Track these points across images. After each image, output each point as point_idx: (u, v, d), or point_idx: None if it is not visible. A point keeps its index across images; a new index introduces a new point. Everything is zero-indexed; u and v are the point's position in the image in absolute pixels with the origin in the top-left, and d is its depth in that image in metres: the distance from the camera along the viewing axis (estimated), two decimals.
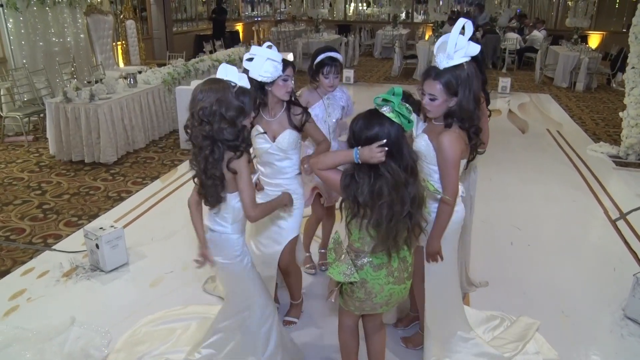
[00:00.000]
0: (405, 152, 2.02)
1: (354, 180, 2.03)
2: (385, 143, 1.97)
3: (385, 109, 2.01)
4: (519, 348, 2.89)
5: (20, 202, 5.04)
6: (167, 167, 6.08)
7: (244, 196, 2.23)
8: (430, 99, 2.37)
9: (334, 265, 2.18)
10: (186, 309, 3.27)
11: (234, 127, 2.14)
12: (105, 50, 9.83)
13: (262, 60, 2.59)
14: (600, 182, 5.70)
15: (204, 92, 2.14)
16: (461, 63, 2.32)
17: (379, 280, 2.16)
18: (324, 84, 3.24)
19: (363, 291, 2.19)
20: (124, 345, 2.95)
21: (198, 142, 2.17)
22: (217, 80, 2.19)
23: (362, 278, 2.16)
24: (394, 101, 2.00)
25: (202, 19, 15.64)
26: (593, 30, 15.55)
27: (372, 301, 2.22)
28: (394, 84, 11.65)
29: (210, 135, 2.12)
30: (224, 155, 2.16)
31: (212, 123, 2.10)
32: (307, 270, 3.77)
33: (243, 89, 2.20)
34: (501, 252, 4.13)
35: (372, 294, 2.19)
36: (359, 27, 17.65)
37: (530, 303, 3.44)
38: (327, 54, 3.22)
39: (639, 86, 6.03)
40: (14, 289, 3.55)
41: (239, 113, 2.14)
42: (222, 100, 2.10)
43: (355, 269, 2.15)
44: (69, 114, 5.95)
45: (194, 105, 2.15)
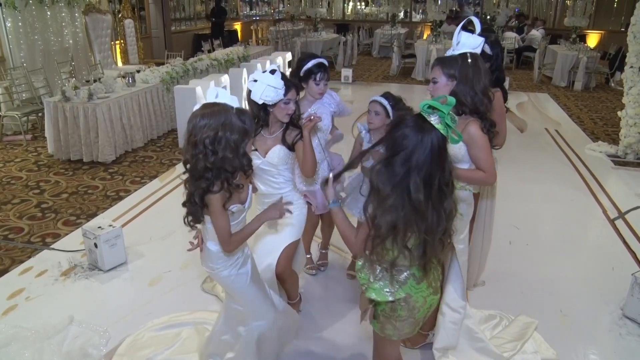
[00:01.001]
0: (447, 167, 1.85)
1: (389, 207, 1.84)
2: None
3: (433, 118, 1.80)
4: (517, 347, 2.90)
5: (19, 201, 5.03)
6: (165, 166, 6.08)
7: (217, 233, 2.19)
8: (433, 82, 2.50)
9: (373, 287, 2.02)
10: (193, 314, 3.25)
11: (237, 154, 2.05)
12: (104, 49, 9.82)
13: (263, 86, 2.59)
14: (598, 182, 5.71)
15: (206, 117, 2.02)
16: (465, 53, 2.44)
17: (422, 293, 2.03)
18: (314, 91, 3.21)
19: (406, 307, 2.04)
20: (127, 349, 2.93)
21: (198, 174, 2.07)
22: (216, 104, 2.09)
23: (407, 293, 2.01)
24: (444, 111, 1.80)
25: (200, 18, 15.62)
26: (591, 29, 15.56)
27: (414, 318, 2.07)
28: (393, 83, 11.68)
29: (213, 166, 2.03)
30: (212, 184, 2.08)
31: (218, 152, 2.01)
32: (307, 270, 3.76)
33: (242, 110, 2.12)
34: (500, 251, 4.13)
35: (415, 310, 2.05)
36: (357, 26, 17.66)
37: (528, 302, 3.45)
38: (317, 60, 3.18)
39: (637, 85, 6.04)
40: (12, 288, 3.55)
41: (242, 135, 2.06)
42: (227, 125, 2.02)
43: (398, 284, 2.01)
44: (68, 113, 5.95)
45: (195, 133, 2.03)
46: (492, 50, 3.06)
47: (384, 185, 1.83)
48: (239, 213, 2.26)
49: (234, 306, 2.49)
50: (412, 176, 1.79)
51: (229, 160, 2.04)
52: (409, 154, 1.79)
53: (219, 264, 2.35)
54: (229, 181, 2.08)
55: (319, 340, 3.08)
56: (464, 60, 2.42)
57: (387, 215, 1.82)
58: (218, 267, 2.36)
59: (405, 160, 1.79)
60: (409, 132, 1.81)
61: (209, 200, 2.10)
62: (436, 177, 1.81)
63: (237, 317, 2.50)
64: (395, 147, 1.82)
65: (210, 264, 2.37)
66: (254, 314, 2.46)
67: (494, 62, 3.08)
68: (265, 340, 2.52)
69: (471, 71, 2.40)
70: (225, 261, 2.35)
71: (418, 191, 1.79)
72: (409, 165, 1.79)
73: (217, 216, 2.14)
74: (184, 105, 6.56)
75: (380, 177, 1.84)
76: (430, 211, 1.83)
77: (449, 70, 2.43)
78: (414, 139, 1.79)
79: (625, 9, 15.30)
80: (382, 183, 1.83)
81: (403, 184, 1.80)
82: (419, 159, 1.78)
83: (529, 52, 13.92)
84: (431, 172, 1.80)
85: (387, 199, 1.82)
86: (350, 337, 3.09)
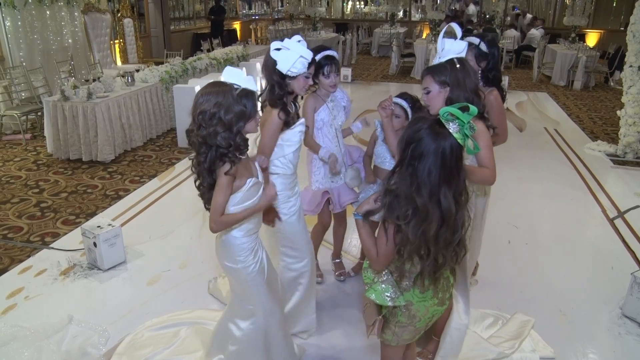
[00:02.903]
0: (461, 176, 1.82)
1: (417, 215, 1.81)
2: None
3: (453, 126, 1.77)
4: (515, 346, 2.90)
5: (18, 200, 5.03)
6: (164, 166, 6.08)
7: (212, 206, 2.18)
8: (425, 92, 2.49)
9: (375, 287, 2.01)
10: (191, 313, 3.24)
11: (230, 132, 2.09)
12: (103, 48, 9.81)
13: (295, 56, 2.54)
14: (597, 181, 5.71)
15: (205, 95, 2.10)
16: (451, 58, 2.46)
17: (425, 302, 2.01)
18: (325, 84, 3.13)
19: (407, 315, 2.02)
20: (126, 348, 2.93)
21: (195, 147, 2.14)
22: (220, 83, 2.15)
23: (408, 300, 2.00)
24: (463, 120, 1.77)
25: (199, 17, 15.62)
26: (591, 28, 15.56)
27: (414, 326, 2.05)
28: (392, 82, 11.68)
29: (205, 140, 2.08)
30: (214, 162, 2.12)
31: (208, 127, 2.07)
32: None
33: (246, 92, 2.14)
34: (498, 250, 4.13)
35: (416, 318, 2.03)
36: (356, 26, 17.66)
37: (527, 301, 3.45)
38: (324, 52, 3.10)
39: (636, 84, 6.04)
40: (11, 287, 3.55)
41: (238, 117, 2.09)
42: (222, 104, 2.07)
43: (401, 290, 1.99)
44: (67, 112, 5.94)
45: (194, 108, 2.12)
46: (488, 49, 3.06)
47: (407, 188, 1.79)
48: (256, 187, 2.26)
49: (243, 304, 2.49)
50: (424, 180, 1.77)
51: (221, 136, 2.07)
52: (426, 156, 1.76)
53: (243, 256, 2.33)
54: (226, 155, 2.11)
55: (331, 349, 3.01)
56: (453, 66, 2.44)
57: (416, 225, 1.79)
58: (242, 259, 2.33)
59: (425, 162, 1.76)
60: (425, 136, 1.77)
61: (218, 174, 2.13)
62: (450, 185, 1.78)
63: (244, 313, 2.49)
64: (411, 149, 1.79)
65: (236, 256, 2.33)
66: (262, 311, 2.45)
67: (490, 61, 3.07)
68: (273, 337, 2.52)
69: (461, 75, 2.42)
70: (248, 252, 2.34)
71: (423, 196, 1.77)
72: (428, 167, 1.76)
73: (219, 189, 2.15)
74: (183, 104, 6.56)
75: (403, 180, 1.80)
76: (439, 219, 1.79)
77: (439, 77, 2.43)
78: (428, 143, 1.76)
79: (625, 8, 15.30)
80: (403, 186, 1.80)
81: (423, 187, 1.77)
82: (432, 166, 1.75)
83: (528, 51, 13.93)
84: (442, 179, 1.77)
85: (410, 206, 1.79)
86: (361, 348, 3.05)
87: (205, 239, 4.13)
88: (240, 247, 2.33)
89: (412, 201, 1.78)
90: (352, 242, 4.22)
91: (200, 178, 2.20)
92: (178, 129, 6.80)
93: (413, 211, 1.78)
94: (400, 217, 1.80)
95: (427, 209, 1.76)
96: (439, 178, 1.76)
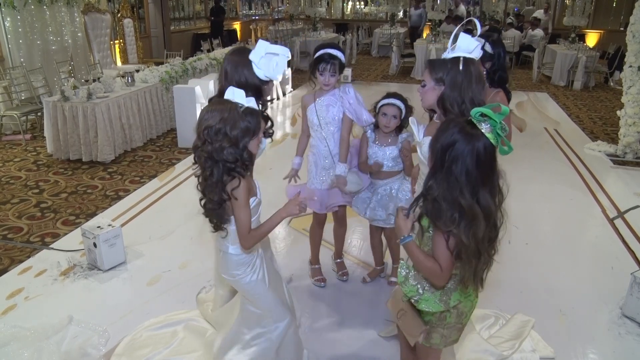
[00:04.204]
0: (495, 177, 1.82)
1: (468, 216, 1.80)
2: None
3: (485, 126, 1.76)
4: (515, 346, 2.90)
5: (18, 200, 5.03)
6: (164, 166, 6.08)
7: (238, 225, 2.18)
8: (421, 85, 2.40)
9: (424, 297, 1.98)
10: (189, 313, 3.24)
11: (236, 147, 2.07)
12: (103, 48, 9.81)
13: (284, 59, 2.50)
14: (597, 181, 5.71)
15: (210, 112, 2.09)
16: (457, 57, 2.29)
17: (470, 297, 2.03)
18: (320, 81, 3.10)
19: (455, 314, 2.02)
20: (125, 349, 2.92)
21: (201, 163, 2.12)
22: (224, 100, 2.15)
23: (458, 300, 2.00)
24: (496, 120, 1.76)
25: (199, 18, 15.62)
26: (590, 28, 15.57)
27: (461, 324, 2.06)
28: (392, 82, 11.68)
29: (211, 155, 2.06)
30: (222, 178, 2.10)
31: (214, 142, 2.05)
32: (316, 283, 3.63)
33: (251, 110, 2.13)
34: (499, 250, 4.12)
35: (463, 315, 2.04)
36: (356, 26, 17.67)
37: (527, 301, 3.45)
38: (327, 50, 3.05)
39: (636, 85, 6.04)
40: (11, 288, 3.55)
41: (244, 133, 2.08)
42: (228, 119, 2.05)
43: (449, 292, 1.98)
44: (67, 112, 5.94)
45: (199, 125, 2.10)
46: (493, 49, 3.04)
47: (448, 192, 1.79)
48: (256, 207, 2.27)
49: (252, 309, 2.48)
50: (463, 182, 1.77)
51: (227, 151, 2.05)
52: (462, 158, 1.76)
53: (240, 270, 2.34)
54: (234, 170, 2.09)
55: (333, 349, 2.99)
56: (455, 64, 2.27)
57: (466, 227, 1.79)
58: (240, 273, 2.35)
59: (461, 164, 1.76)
60: (459, 139, 1.76)
61: (235, 194, 2.12)
62: (487, 184, 1.79)
63: (254, 319, 2.48)
64: (446, 153, 1.78)
65: (232, 271, 2.35)
66: (271, 316, 2.45)
67: (496, 62, 3.06)
68: (285, 346, 2.51)
69: (460, 77, 2.25)
70: (246, 266, 2.34)
71: (467, 198, 1.77)
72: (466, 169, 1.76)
73: (242, 208, 2.14)
74: (183, 104, 6.57)
75: (442, 185, 1.79)
76: (484, 219, 1.80)
77: (436, 74, 2.31)
78: (462, 145, 1.75)
79: (624, 8, 15.30)
80: (445, 191, 1.79)
81: (464, 189, 1.77)
82: (469, 167, 1.76)
83: (528, 52, 13.93)
84: (480, 180, 1.78)
85: (455, 209, 1.79)
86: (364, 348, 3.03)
87: (206, 240, 4.12)
88: (238, 262, 2.34)
89: (457, 204, 1.77)
90: (352, 242, 4.22)
91: (206, 196, 2.16)
92: (178, 129, 6.80)
93: (460, 214, 1.78)
94: (447, 222, 1.79)
95: (474, 209, 1.77)
96: (476, 179, 1.77)
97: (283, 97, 9.90)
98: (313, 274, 3.68)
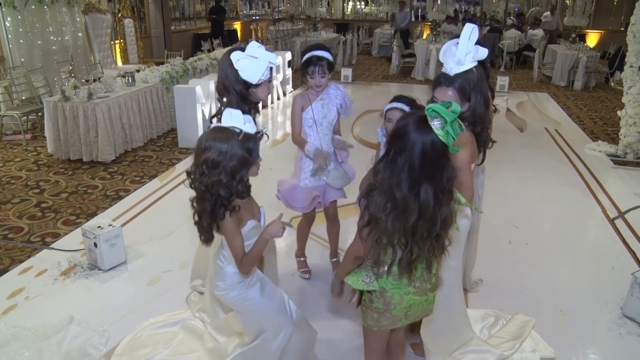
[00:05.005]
0: (445, 174, 1.82)
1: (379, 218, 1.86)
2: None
3: (436, 123, 1.77)
4: (516, 347, 2.89)
5: (19, 200, 5.03)
6: (165, 166, 6.08)
7: (234, 254, 2.22)
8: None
9: (353, 273, 2.09)
10: (188, 312, 3.24)
11: (233, 179, 2.09)
12: (104, 48, 9.81)
13: (265, 63, 2.53)
14: (598, 181, 5.71)
15: (210, 140, 2.09)
16: (471, 68, 2.34)
17: (399, 290, 2.03)
18: (311, 84, 3.16)
19: (382, 301, 2.06)
20: (125, 349, 2.92)
21: (199, 193, 2.14)
22: (222, 129, 2.14)
23: (382, 287, 2.04)
24: (447, 118, 1.77)
25: (200, 18, 15.62)
26: (591, 28, 15.56)
27: (390, 313, 2.07)
28: (392, 82, 11.68)
29: (207, 188, 2.08)
30: (214, 209, 2.13)
31: (211, 176, 2.06)
32: (302, 274, 3.73)
33: (248, 135, 2.14)
34: (499, 250, 4.13)
35: (391, 305, 2.06)
36: (357, 26, 17.68)
37: (528, 302, 3.45)
38: (313, 52, 3.11)
39: (637, 85, 6.04)
40: (12, 288, 3.55)
41: (242, 164, 2.10)
42: (227, 152, 2.06)
43: (375, 277, 2.03)
44: (67, 112, 5.95)
45: (198, 154, 2.10)
46: None
47: (387, 181, 1.82)
48: (256, 230, 2.27)
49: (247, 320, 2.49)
50: (404, 174, 1.79)
51: (222, 185, 2.07)
52: (408, 150, 1.78)
53: (230, 285, 2.35)
54: (225, 205, 2.12)
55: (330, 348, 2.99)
56: (473, 77, 2.34)
57: (395, 218, 1.83)
58: (229, 287, 2.35)
59: (406, 156, 1.79)
60: (410, 129, 1.79)
61: (223, 226, 2.16)
62: (431, 181, 1.80)
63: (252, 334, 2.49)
64: (396, 143, 1.83)
65: (221, 282, 2.36)
66: (270, 327, 2.44)
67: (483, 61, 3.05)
68: (287, 355, 2.50)
69: (480, 88, 2.34)
70: (238, 283, 2.35)
71: (403, 190, 1.79)
72: (409, 162, 1.78)
73: (232, 238, 2.19)
74: (184, 104, 6.57)
75: (384, 173, 1.84)
76: (417, 212, 1.81)
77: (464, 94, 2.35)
78: (411, 137, 1.78)
79: (625, 8, 15.30)
80: (385, 179, 1.83)
81: (403, 181, 1.80)
82: (413, 160, 1.78)
83: (528, 52, 13.93)
84: (423, 174, 1.79)
85: (389, 198, 1.82)
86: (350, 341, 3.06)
87: None
88: (231, 278, 2.34)
89: (392, 194, 1.81)
90: (349, 241, 4.22)
91: (199, 218, 2.20)
92: (179, 129, 6.80)
93: (392, 204, 1.82)
94: (378, 209, 1.84)
95: (407, 202, 1.80)
96: (419, 172, 1.78)
97: (283, 97, 9.90)
98: (299, 266, 3.78)
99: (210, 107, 6.90)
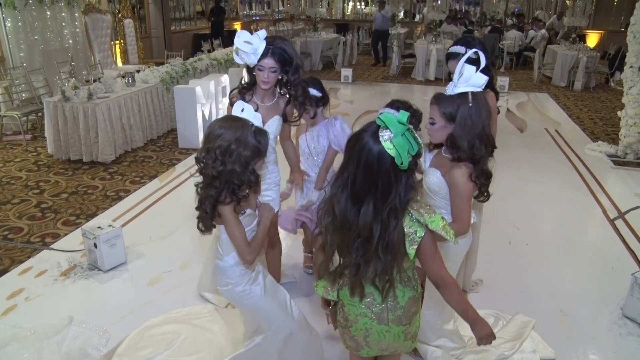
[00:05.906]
0: (393, 192, 1.66)
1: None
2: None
3: (384, 135, 1.63)
4: (516, 347, 2.90)
5: (19, 201, 5.03)
6: (165, 166, 6.08)
7: (235, 244, 2.20)
8: (430, 122, 2.36)
9: (322, 279, 2.00)
10: (187, 309, 3.24)
11: (246, 169, 2.08)
12: (104, 49, 9.81)
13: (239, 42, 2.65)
14: (598, 181, 5.71)
15: (223, 128, 2.08)
16: (466, 92, 2.26)
17: (354, 308, 1.90)
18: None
19: (342, 315, 1.98)
20: (126, 349, 2.92)
21: (207, 179, 2.12)
22: (236, 118, 2.16)
23: (340, 299, 1.96)
24: (392, 130, 1.62)
25: (200, 18, 15.62)
26: (591, 29, 15.57)
27: (349, 331, 1.94)
28: (392, 83, 11.68)
29: (220, 174, 2.07)
30: (221, 196, 2.12)
31: (226, 163, 2.05)
32: (306, 270, 3.77)
33: (260, 129, 2.16)
34: (499, 251, 4.13)
35: (349, 322, 1.94)
36: (357, 26, 17.66)
37: (528, 302, 3.45)
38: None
39: (637, 85, 6.04)
40: (12, 288, 3.55)
41: (254, 154, 2.10)
42: (241, 140, 2.06)
43: (337, 286, 1.95)
44: (67, 113, 5.94)
45: (210, 140, 2.08)
46: None
47: (332, 192, 1.77)
48: (251, 218, 2.27)
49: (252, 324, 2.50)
50: (347, 187, 1.70)
51: (236, 174, 2.07)
52: (352, 161, 1.69)
53: (234, 279, 2.33)
54: (235, 192, 2.11)
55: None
56: (464, 101, 2.25)
57: (334, 232, 1.79)
58: (233, 281, 2.33)
59: (351, 167, 1.69)
60: (360, 138, 1.68)
61: (222, 211, 2.14)
62: (374, 197, 1.68)
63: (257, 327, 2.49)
64: (346, 152, 1.74)
65: (226, 279, 2.34)
66: (270, 326, 2.44)
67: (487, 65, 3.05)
68: (288, 354, 2.50)
69: (470, 114, 2.24)
70: (241, 275, 2.33)
71: (341, 204, 1.72)
72: (353, 173, 1.68)
73: (232, 225, 2.16)
74: (184, 105, 6.57)
75: (334, 183, 1.78)
76: (353, 228, 1.72)
77: (446, 111, 2.27)
78: (358, 146, 1.68)
79: (625, 8, 15.30)
80: (331, 190, 1.78)
81: (344, 194, 1.72)
82: (358, 172, 1.67)
83: (528, 52, 13.93)
84: (367, 189, 1.68)
85: (329, 208, 1.79)
86: None
87: (206, 240, 4.12)
88: (233, 271, 2.33)
89: (332, 207, 1.76)
90: None
91: (201, 205, 2.18)
92: (179, 130, 6.80)
93: (332, 217, 1.76)
94: (320, 221, 1.83)
95: (345, 217, 1.72)
96: (363, 187, 1.67)
97: None
98: (305, 261, 3.83)
99: (210, 108, 6.91)
